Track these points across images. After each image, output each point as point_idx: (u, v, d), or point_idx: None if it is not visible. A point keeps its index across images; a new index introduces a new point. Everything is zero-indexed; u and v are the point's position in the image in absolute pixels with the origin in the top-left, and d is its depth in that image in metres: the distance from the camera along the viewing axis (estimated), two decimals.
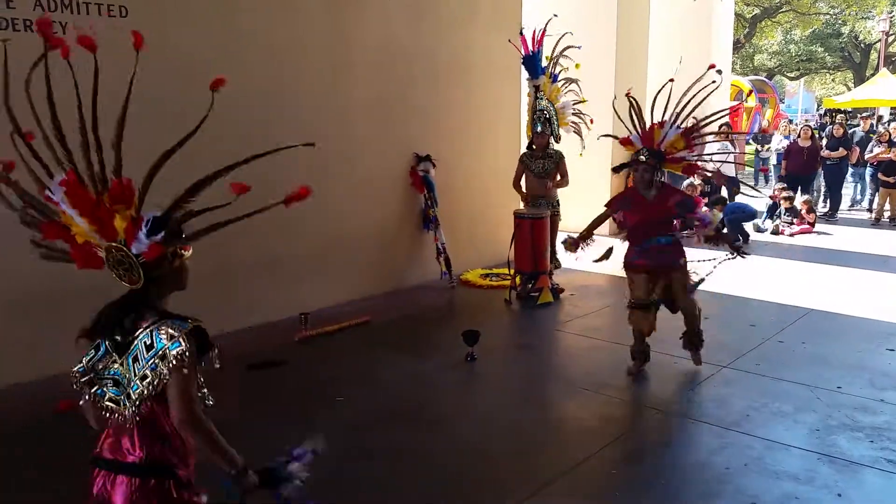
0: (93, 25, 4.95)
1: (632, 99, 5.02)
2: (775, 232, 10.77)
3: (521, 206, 7.48)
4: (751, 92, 20.74)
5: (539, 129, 7.07)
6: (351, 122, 6.80)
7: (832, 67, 36.52)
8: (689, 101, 4.79)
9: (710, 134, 5.04)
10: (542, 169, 7.07)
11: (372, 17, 6.94)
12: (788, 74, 36.56)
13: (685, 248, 5.01)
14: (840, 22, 32.78)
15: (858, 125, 16.22)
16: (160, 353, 2.01)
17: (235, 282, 5.90)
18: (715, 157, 11.53)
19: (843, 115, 17.17)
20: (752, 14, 31.68)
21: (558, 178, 7.14)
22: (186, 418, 2.02)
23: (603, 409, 4.60)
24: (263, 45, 6.01)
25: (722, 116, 5.10)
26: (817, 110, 29.71)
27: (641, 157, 4.78)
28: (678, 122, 4.79)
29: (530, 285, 7.06)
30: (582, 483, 3.67)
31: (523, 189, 7.23)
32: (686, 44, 12.63)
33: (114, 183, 2.06)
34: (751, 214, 10.46)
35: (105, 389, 2.12)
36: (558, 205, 7.30)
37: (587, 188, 10.15)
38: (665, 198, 4.87)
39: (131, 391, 2.05)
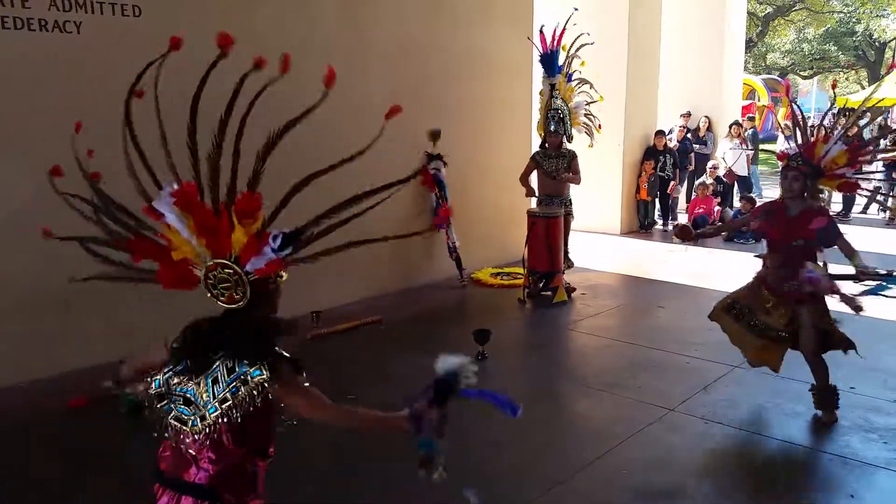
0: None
1: (796, 107, 4.64)
2: None
3: (533, 203, 7.48)
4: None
5: (553, 128, 7.06)
6: (364, 120, 6.73)
7: (846, 66, 36.21)
8: (856, 119, 4.50)
9: (881, 152, 4.62)
10: (555, 168, 7.06)
11: (386, 14, 6.96)
12: (801, 73, 36.29)
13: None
14: (854, 20, 32.50)
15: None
16: (241, 377, 1.99)
17: None
18: (729, 153, 11.51)
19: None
20: (765, 12, 31.49)
21: (570, 174, 7.13)
22: (325, 415, 2.13)
23: (614, 408, 4.59)
24: (279, 44, 6.01)
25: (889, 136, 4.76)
26: (831, 109, 29.47)
27: (793, 163, 4.28)
28: (844, 137, 4.34)
29: (541, 284, 7.06)
30: (593, 483, 3.67)
31: (531, 186, 7.22)
32: (698, 42, 12.58)
33: (243, 195, 2.05)
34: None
35: (173, 406, 2.05)
36: (571, 204, 7.30)
37: (600, 188, 10.16)
38: (808, 217, 4.22)
39: (208, 413, 1.99)
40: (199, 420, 2.00)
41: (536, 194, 7.29)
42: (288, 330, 2.15)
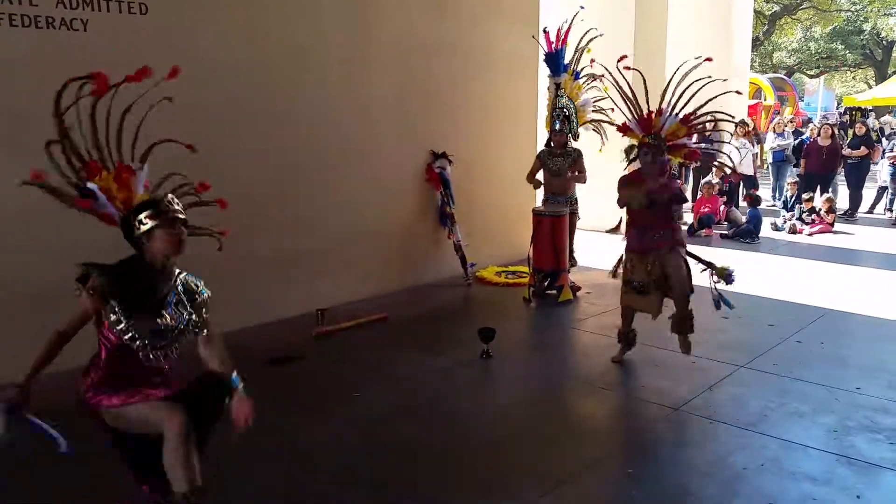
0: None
1: (623, 72, 5.04)
2: (793, 231, 10.69)
3: (538, 202, 7.47)
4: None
5: (558, 126, 7.05)
6: (369, 118, 6.82)
7: (853, 65, 36.07)
8: (687, 91, 4.89)
9: (709, 121, 5.08)
10: (560, 167, 7.06)
11: (391, 12, 6.96)
12: (808, 72, 36.16)
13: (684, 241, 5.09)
14: (861, 19, 32.37)
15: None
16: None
17: (253, 278, 5.94)
18: (734, 152, 11.61)
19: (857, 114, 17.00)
20: (772, 11, 31.42)
21: (576, 173, 7.12)
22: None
23: (619, 407, 4.59)
24: (283, 42, 6.04)
25: (711, 101, 5.08)
26: (837, 108, 29.36)
27: (648, 139, 4.89)
28: (675, 110, 4.87)
29: (546, 283, 7.05)
30: (598, 481, 3.67)
31: (538, 180, 7.22)
32: (704, 41, 12.52)
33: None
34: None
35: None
36: (577, 203, 7.29)
37: (606, 186, 10.11)
38: (669, 182, 4.96)
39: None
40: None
41: (542, 187, 7.28)
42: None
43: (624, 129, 5.10)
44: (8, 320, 4.70)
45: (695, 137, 5.12)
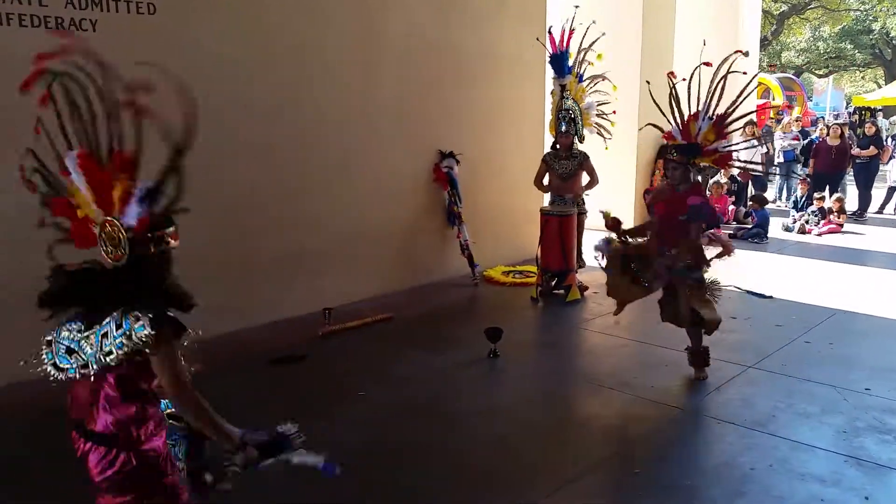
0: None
1: (672, 82, 4.88)
2: (802, 231, 10.65)
3: (546, 202, 7.46)
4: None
5: (564, 129, 7.03)
6: (376, 118, 6.82)
7: (862, 65, 35.87)
8: (716, 90, 4.76)
9: (739, 119, 4.89)
10: (566, 170, 7.04)
11: (397, 12, 6.96)
12: (817, 72, 36.00)
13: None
14: (871, 18, 32.18)
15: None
16: (126, 333, 2.06)
17: (260, 277, 5.95)
18: (744, 151, 11.58)
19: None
20: (780, 10, 31.27)
21: (585, 179, 7.10)
22: (177, 394, 2.11)
23: (627, 407, 4.57)
24: (289, 42, 6.05)
25: (745, 98, 4.99)
26: (846, 108, 29.21)
27: (670, 154, 4.79)
28: (709, 112, 4.74)
29: (554, 283, 7.04)
30: (605, 482, 3.66)
31: (544, 184, 7.22)
32: (712, 41, 12.46)
33: (116, 153, 2.14)
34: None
35: (53, 353, 2.24)
36: (584, 203, 7.27)
37: (613, 186, 10.11)
38: (692, 194, 4.75)
39: (90, 363, 2.13)
40: (78, 370, 2.17)
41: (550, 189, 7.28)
42: (182, 298, 2.19)
43: (668, 137, 4.92)
44: (8, 320, 4.71)
45: (728, 140, 4.93)
